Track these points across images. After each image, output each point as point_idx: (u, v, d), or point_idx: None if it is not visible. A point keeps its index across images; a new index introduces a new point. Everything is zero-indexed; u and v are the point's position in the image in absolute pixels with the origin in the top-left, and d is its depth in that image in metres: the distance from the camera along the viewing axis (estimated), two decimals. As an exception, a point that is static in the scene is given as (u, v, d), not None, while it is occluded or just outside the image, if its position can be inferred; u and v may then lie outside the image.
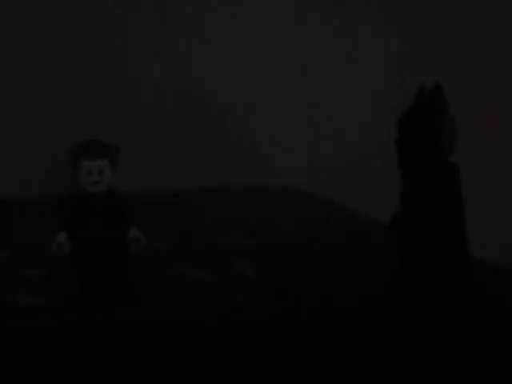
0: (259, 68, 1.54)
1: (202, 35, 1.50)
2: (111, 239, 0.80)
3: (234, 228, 1.13)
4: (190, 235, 1.10)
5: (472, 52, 1.61)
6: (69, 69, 1.44)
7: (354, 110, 1.59)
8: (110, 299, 0.78)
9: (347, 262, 0.94)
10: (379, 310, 0.74)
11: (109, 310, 0.76)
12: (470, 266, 0.67)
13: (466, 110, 1.03)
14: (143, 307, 0.78)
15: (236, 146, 1.52)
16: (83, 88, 1.45)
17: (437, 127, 0.65)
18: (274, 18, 1.54)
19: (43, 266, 0.91)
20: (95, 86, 1.45)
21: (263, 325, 0.72)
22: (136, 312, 0.76)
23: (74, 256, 0.80)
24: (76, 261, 0.80)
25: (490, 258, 0.89)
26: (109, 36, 1.45)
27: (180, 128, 1.49)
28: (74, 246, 0.80)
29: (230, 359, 0.64)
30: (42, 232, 0.83)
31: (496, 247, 1.28)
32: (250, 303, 0.78)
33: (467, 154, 0.80)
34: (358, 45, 1.58)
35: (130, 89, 1.47)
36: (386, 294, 0.72)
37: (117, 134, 1.02)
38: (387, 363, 0.63)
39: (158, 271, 0.91)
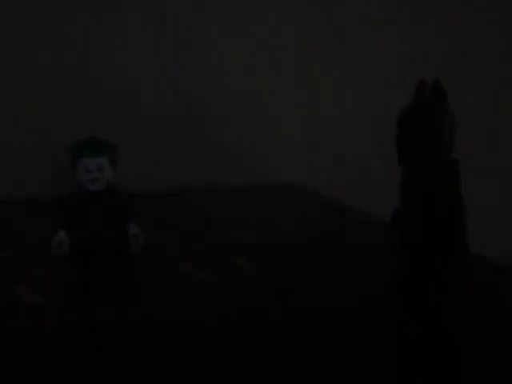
0: (259, 68, 1.53)
1: (202, 35, 1.50)
2: (111, 238, 0.80)
3: (234, 228, 1.13)
4: (190, 235, 1.10)
5: (472, 52, 1.61)
6: (69, 69, 1.44)
7: (354, 110, 1.59)
8: (110, 299, 0.78)
9: (347, 261, 0.94)
10: (379, 310, 0.74)
11: (109, 310, 0.76)
12: (470, 266, 0.67)
13: (466, 110, 1.02)
14: (143, 307, 0.78)
15: (236, 146, 1.52)
16: (83, 88, 1.44)
17: (437, 125, 0.65)
18: (274, 18, 1.54)
19: (43, 266, 0.90)
20: (95, 86, 1.45)
21: (263, 325, 0.72)
22: (136, 312, 0.76)
23: (73, 256, 0.80)
24: (76, 261, 0.80)
25: (490, 258, 0.89)
26: (109, 36, 1.45)
27: (180, 128, 1.49)
28: (74, 245, 0.80)
29: (230, 359, 0.64)
30: (42, 232, 0.83)
31: (496, 247, 1.28)
32: (250, 303, 0.78)
33: (467, 154, 0.80)
34: (357, 45, 1.58)
35: (130, 89, 1.47)
36: (386, 293, 0.72)
37: (117, 134, 1.01)
38: (387, 363, 0.63)
39: (158, 271, 0.91)
